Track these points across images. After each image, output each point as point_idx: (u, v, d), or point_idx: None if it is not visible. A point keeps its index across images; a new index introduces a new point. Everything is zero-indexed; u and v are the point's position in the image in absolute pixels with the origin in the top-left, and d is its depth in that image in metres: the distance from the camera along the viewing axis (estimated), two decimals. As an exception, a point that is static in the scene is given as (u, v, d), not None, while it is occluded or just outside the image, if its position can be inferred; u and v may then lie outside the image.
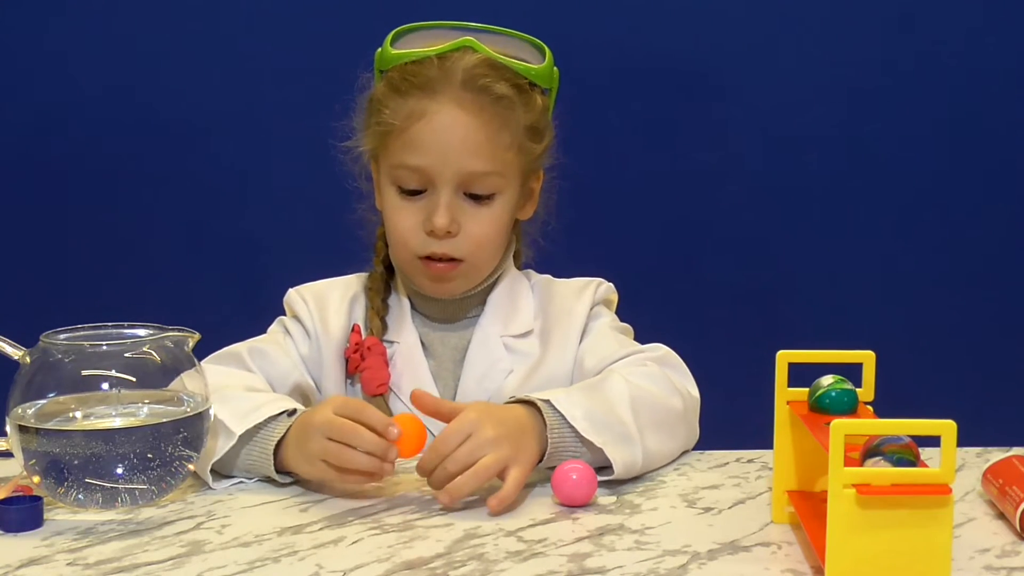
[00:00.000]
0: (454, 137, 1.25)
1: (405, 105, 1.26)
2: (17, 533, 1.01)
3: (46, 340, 1.08)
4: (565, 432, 1.12)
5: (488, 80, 1.25)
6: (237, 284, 2.08)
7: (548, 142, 1.32)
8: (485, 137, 1.25)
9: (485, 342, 1.32)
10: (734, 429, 1.28)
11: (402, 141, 1.26)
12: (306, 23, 2.07)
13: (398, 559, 0.94)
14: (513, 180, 1.29)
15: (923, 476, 0.81)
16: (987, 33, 2.06)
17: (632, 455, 1.14)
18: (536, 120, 1.29)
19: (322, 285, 1.37)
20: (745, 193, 2.11)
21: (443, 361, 1.33)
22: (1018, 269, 2.11)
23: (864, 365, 0.99)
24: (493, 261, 1.32)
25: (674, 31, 2.07)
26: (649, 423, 1.16)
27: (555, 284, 1.38)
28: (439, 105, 1.25)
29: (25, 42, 2.07)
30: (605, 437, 1.12)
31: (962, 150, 2.09)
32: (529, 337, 1.33)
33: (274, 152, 2.08)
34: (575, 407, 1.13)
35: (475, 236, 1.27)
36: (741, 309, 2.11)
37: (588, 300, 1.34)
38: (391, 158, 1.28)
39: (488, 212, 1.28)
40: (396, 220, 1.29)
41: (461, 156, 1.25)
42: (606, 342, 1.30)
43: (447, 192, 1.26)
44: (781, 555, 0.94)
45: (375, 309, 1.33)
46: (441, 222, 1.25)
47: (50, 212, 2.11)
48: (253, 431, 1.13)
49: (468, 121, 1.25)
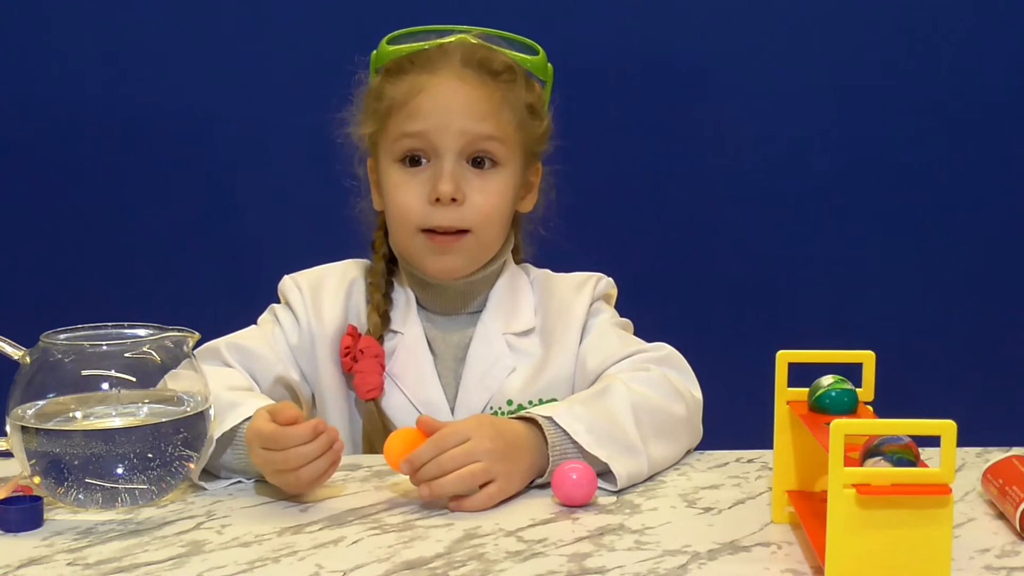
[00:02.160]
0: (456, 102, 1.25)
1: (405, 82, 1.26)
2: (17, 533, 1.01)
3: (46, 340, 1.08)
4: (567, 448, 1.12)
5: (486, 55, 1.26)
6: (238, 284, 2.08)
7: (547, 127, 1.32)
8: (488, 105, 1.25)
9: (487, 339, 1.31)
10: (734, 429, 1.28)
11: (403, 114, 1.26)
12: (303, 18, 2.06)
13: (398, 559, 0.94)
14: (515, 156, 1.29)
15: (923, 476, 0.81)
16: (987, 33, 2.06)
17: (637, 466, 1.13)
18: (534, 101, 1.30)
19: (318, 272, 1.35)
20: (746, 193, 2.11)
21: (444, 359, 1.32)
22: (1018, 269, 2.11)
23: (864, 365, 0.99)
24: (497, 240, 1.31)
25: (675, 29, 2.07)
26: (652, 432, 1.16)
27: (554, 279, 1.37)
28: (439, 79, 1.26)
29: (22, 42, 2.08)
30: (609, 450, 1.12)
31: (962, 150, 2.09)
32: (531, 335, 1.32)
33: (275, 152, 2.08)
34: (577, 421, 1.12)
35: (480, 206, 1.26)
36: (741, 309, 2.11)
37: (588, 296, 1.33)
38: (392, 132, 1.27)
39: (493, 183, 1.27)
40: (398, 195, 1.27)
41: (464, 119, 1.24)
42: (608, 340, 1.30)
43: (451, 158, 1.25)
44: (781, 555, 0.94)
45: (375, 305, 1.31)
46: (446, 188, 1.24)
47: (50, 212, 2.11)
48: (231, 433, 1.12)
49: (470, 91, 1.25)
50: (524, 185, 1.33)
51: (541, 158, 1.35)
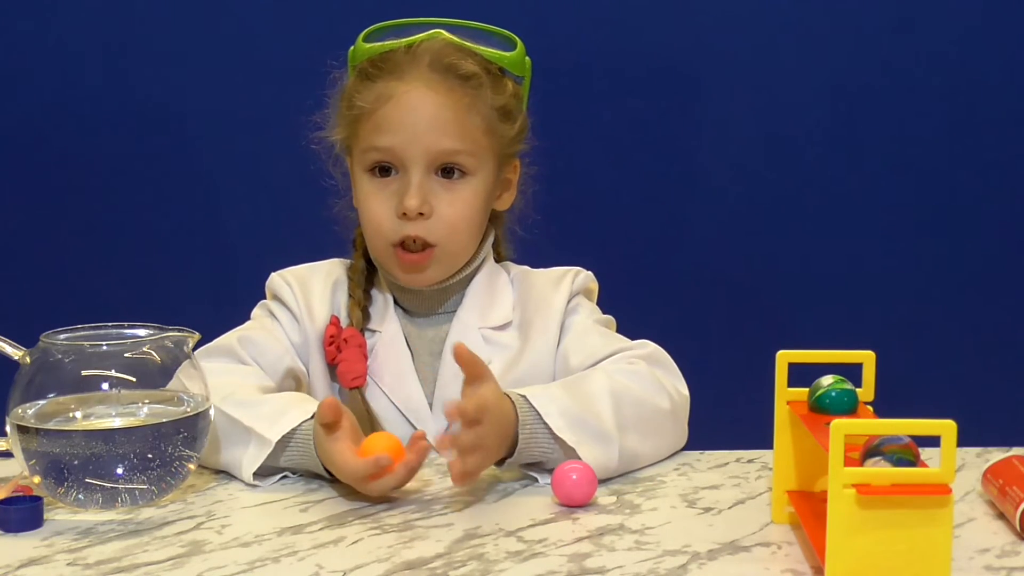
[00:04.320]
0: (422, 116, 1.25)
1: (374, 89, 1.27)
2: (17, 533, 1.01)
3: (46, 340, 1.08)
4: (537, 429, 1.12)
5: (455, 59, 1.26)
6: (238, 284, 2.07)
7: (521, 127, 1.32)
8: (454, 116, 1.25)
9: (463, 334, 1.30)
10: (734, 429, 1.28)
11: (372, 124, 1.26)
12: (282, 18, 2.06)
13: (398, 559, 0.94)
14: (486, 163, 1.29)
15: (923, 476, 0.81)
16: (987, 33, 2.06)
17: (607, 455, 1.13)
18: (507, 103, 1.29)
19: (304, 269, 1.36)
20: (745, 193, 2.11)
21: (421, 355, 1.32)
22: (1018, 269, 2.11)
23: (864, 365, 0.99)
24: (468, 248, 1.31)
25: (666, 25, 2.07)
26: (632, 423, 1.16)
27: (533, 274, 1.37)
28: (407, 86, 1.25)
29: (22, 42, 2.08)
30: (579, 436, 1.11)
31: (962, 150, 2.09)
32: (508, 329, 1.32)
33: (277, 151, 2.07)
34: (551, 403, 1.12)
35: (448, 219, 1.27)
36: (741, 309, 2.11)
37: (566, 290, 1.33)
38: (362, 143, 1.28)
39: (461, 195, 1.27)
40: (369, 207, 1.29)
41: (430, 134, 1.25)
42: (591, 339, 1.29)
43: (418, 172, 1.25)
44: (781, 555, 0.94)
45: (356, 300, 1.32)
46: (412, 203, 1.24)
47: (50, 212, 2.11)
48: (289, 435, 1.13)
49: (436, 100, 1.25)
50: (500, 184, 1.33)
51: (519, 155, 1.35)
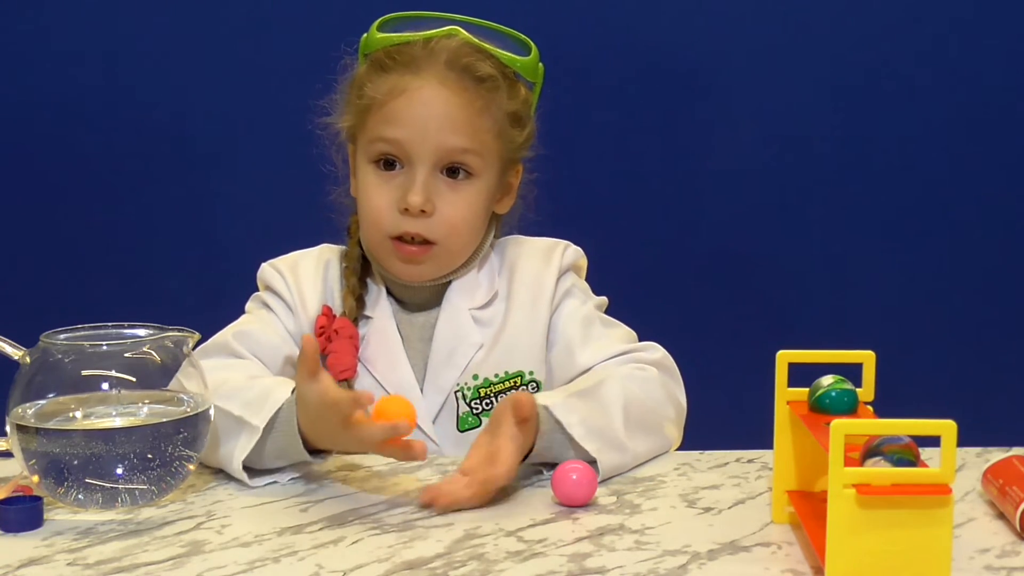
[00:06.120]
0: (434, 112, 1.24)
1: (387, 81, 1.26)
2: (17, 533, 1.00)
3: (46, 340, 1.08)
4: (556, 437, 1.13)
5: (472, 60, 1.26)
6: (238, 284, 2.07)
7: (529, 133, 1.32)
8: (466, 116, 1.25)
9: (453, 317, 1.30)
10: (734, 429, 1.28)
11: (382, 115, 1.26)
12: (285, 5, 2.06)
13: (398, 559, 0.94)
14: (492, 165, 1.28)
15: (923, 476, 0.81)
16: (987, 33, 2.06)
17: (621, 461, 1.15)
18: (518, 108, 1.29)
19: (294, 258, 1.36)
20: (745, 193, 2.11)
21: (411, 340, 1.32)
22: (1018, 269, 2.11)
23: (864, 365, 0.99)
24: (466, 249, 1.31)
25: (671, 26, 2.07)
26: (640, 428, 1.18)
27: (516, 242, 1.36)
28: (422, 81, 1.25)
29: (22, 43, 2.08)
30: (599, 444, 1.13)
31: (962, 150, 2.09)
32: (494, 303, 1.32)
33: (275, 152, 2.08)
34: (571, 413, 1.13)
35: (449, 219, 1.27)
36: (741, 309, 2.11)
37: (556, 266, 1.32)
38: (369, 133, 1.27)
39: (464, 195, 1.27)
40: (370, 198, 1.28)
41: (440, 131, 1.24)
42: (594, 329, 1.30)
43: (424, 169, 1.25)
44: (781, 555, 0.94)
45: (350, 288, 1.31)
46: (416, 199, 1.24)
47: (50, 212, 2.11)
48: (274, 418, 1.12)
49: (449, 98, 1.25)
50: (502, 188, 1.33)
51: (521, 161, 1.35)
